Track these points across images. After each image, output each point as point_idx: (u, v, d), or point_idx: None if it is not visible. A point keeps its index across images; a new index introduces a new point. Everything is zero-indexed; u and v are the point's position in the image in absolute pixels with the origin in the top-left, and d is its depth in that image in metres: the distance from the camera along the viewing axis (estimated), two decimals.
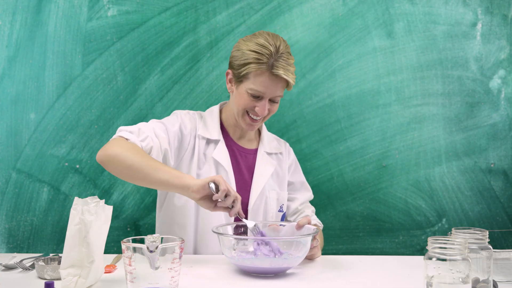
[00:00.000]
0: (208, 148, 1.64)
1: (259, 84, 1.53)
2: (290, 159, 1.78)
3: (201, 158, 1.63)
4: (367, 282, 1.29)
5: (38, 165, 1.95)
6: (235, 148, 1.68)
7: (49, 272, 1.28)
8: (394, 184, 2.03)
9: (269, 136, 1.77)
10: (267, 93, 1.55)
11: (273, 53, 1.52)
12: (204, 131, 1.64)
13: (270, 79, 1.53)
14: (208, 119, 1.67)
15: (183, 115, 1.65)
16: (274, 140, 1.78)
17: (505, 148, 2.04)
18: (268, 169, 1.69)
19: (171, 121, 1.62)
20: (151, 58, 1.98)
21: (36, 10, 1.94)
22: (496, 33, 2.03)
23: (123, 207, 1.99)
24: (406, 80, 2.03)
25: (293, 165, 1.79)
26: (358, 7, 2.01)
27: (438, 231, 2.04)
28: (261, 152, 1.71)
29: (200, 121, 1.67)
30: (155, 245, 1.07)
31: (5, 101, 1.94)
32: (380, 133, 2.03)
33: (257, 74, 1.53)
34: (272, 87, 1.54)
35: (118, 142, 1.46)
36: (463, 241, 1.03)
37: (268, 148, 1.72)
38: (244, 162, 1.68)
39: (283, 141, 1.82)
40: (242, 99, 1.57)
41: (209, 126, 1.66)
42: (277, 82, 1.54)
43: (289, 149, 1.81)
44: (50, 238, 1.97)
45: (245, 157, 1.69)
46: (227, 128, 1.69)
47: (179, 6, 1.98)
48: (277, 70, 1.52)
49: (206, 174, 1.61)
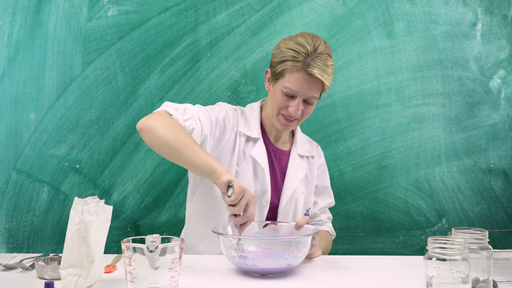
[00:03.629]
0: (247, 145, 1.62)
1: (293, 83, 1.52)
2: (319, 163, 1.77)
3: (240, 155, 1.61)
4: (367, 282, 1.29)
5: (38, 165, 1.95)
6: (271, 149, 1.66)
7: (49, 272, 1.28)
8: (394, 184, 2.03)
9: (302, 138, 1.75)
10: (301, 92, 1.53)
11: (310, 52, 1.50)
12: (245, 128, 1.63)
13: (305, 78, 1.51)
14: (249, 116, 1.65)
15: (228, 108, 1.64)
16: (307, 142, 1.76)
17: (505, 148, 2.04)
18: (299, 173, 1.67)
19: (216, 110, 1.60)
20: (151, 58, 1.98)
21: (36, 10, 1.94)
22: (496, 33, 2.03)
23: (123, 207, 1.99)
24: (406, 80, 2.03)
25: (320, 168, 1.77)
26: (358, 7, 2.01)
27: (438, 231, 2.04)
28: (294, 155, 1.68)
29: (241, 117, 1.65)
30: (155, 245, 1.07)
31: (5, 101, 1.94)
32: (380, 133, 2.03)
33: (292, 72, 1.51)
34: (306, 87, 1.52)
35: (161, 115, 1.44)
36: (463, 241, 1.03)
37: (301, 150, 1.70)
38: (278, 163, 1.66)
39: (316, 143, 1.80)
40: (277, 97, 1.56)
41: (250, 124, 1.64)
42: (311, 82, 1.52)
43: (320, 152, 1.79)
44: (50, 238, 1.97)
45: (279, 158, 1.67)
46: (266, 127, 1.67)
47: (179, 6, 1.98)
48: (311, 69, 1.50)
49: (244, 171, 1.59)
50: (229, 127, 1.61)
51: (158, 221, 2.00)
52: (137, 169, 1.98)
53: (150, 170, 1.98)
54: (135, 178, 1.98)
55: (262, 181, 1.61)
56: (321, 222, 1.76)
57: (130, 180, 1.98)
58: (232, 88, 2.00)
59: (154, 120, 1.42)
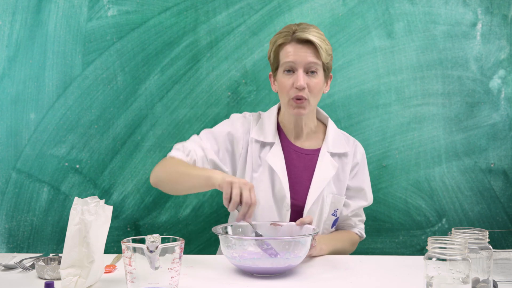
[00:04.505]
0: (263, 151, 1.62)
1: (286, 55, 1.54)
2: (354, 161, 1.68)
3: (256, 161, 1.61)
4: (367, 282, 1.29)
5: (38, 165, 1.95)
6: (293, 150, 1.63)
7: (49, 272, 1.28)
8: (394, 184, 2.03)
9: (336, 133, 1.68)
10: (298, 61, 1.53)
11: (295, 27, 1.56)
12: (258, 134, 1.62)
13: (296, 47, 1.54)
14: (266, 121, 1.65)
15: (236, 119, 1.65)
16: (341, 138, 1.69)
17: (505, 148, 2.04)
18: (329, 172, 1.61)
19: (222, 126, 1.64)
20: (151, 58, 1.98)
21: (36, 10, 1.94)
22: (496, 33, 2.03)
23: (123, 207, 1.99)
24: (406, 80, 2.03)
25: (356, 168, 1.68)
26: (358, 7, 2.01)
27: (438, 231, 2.04)
28: (323, 153, 1.63)
29: (255, 123, 1.65)
30: (155, 245, 1.07)
31: (5, 101, 1.94)
32: (380, 133, 2.03)
33: (283, 47, 1.55)
34: (301, 53, 1.53)
35: (162, 162, 1.58)
36: (463, 241, 1.03)
37: (332, 147, 1.64)
38: (303, 163, 1.62)
39: (353, 139, 1.72)
40: (281, 83, 1.57)
41: (265, 128, 1.63)
42: (304, 48, 1.54)
43: (356, 149, 1.70)
44: (50, 238, 1.97)
45: (304, 158, 1.63)
46: (284, 128, 1.66)
47: (179, 6, 1.98)
48: (300, 34, 1.53)
49: (261, 177, 1.59)
50: (239, 136, 1.61)
51: (158, 221, 2.00)
52: (137, 169, 1.98)
53: (150, 170, 1.98)
54: (135, 178, 1.98)
55: (279, 186, 1.59)
56: (350, 226, 1.72)
57: (130, 180, 1.98)
58: (232, 88, 2.00)
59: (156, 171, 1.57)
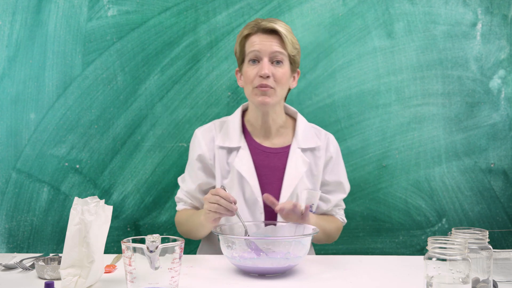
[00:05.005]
0: (230, 156, 1.62)
1: (251, 45, 1.57)
2: (327, 155, 1.66)
3: (225, 168, 1.61)
4: (367, 282, 1.29)
5: (38, 165, 1.95)
6: (261, 151, 1.63)
7: (49, 272, 1.28)
8: (394, 184, 2.03)
9: (306, 128, 1.67)
10: (263, 50, 1.55)
11: (258, 20, 1.60)
12: (223, 140, 1.63)
13: (261, 37, 1.56)
14: (230, 125, 1.65)
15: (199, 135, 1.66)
16: (312, 132, 1.68)
17: (505, 148, 2.04)
18: (300, 169, 1.60)
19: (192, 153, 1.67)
20: (151, 58, 1.98)
21: (36, 10, 1.94)
22: (496, 33, 2.03)
23: (123, 207, 1.99)
24: (406, 80, 2.03)
25: (331, 162, 1.67)
26: (358, 7, 2.01)
27: (438, 231, 2.04)
28: (294, 149, 1.62)
29: (219, 131, 1.65)
30: (155, 245, 1.07)
31: (5, 101, 1.94)
32: (380, 133, 2.03)
33: (248, 38, 1.58)
34: (266, 43, 1.56)
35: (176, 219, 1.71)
36: (463, 241, 1.03)
37: (303, 143, 1.63)
38: (274, 163, 1.62)
39: (324, 132, 1.71)
40: (246, 73, 1.59)
41: (230, 133, 1.63)
42: (269, 37, 1.56)
43: (328, 142, 1.68)
44: (50, 238, 1.97)
45: (274, 157, 1.63)
46: (251, 130, 1.65)
47: (179, 6, 1.98)
48: (263, 24, 1.57)
49: (231, 183, 1.59)
50: (205, 150, 1.63)
51: (158, 221, 2.00)
52: (137, 169, 1.98)
53: (150, 170, 1.98)
54: (135, 178, 1.98)
55: (250, 190, 1.59)
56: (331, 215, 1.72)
57: (130, 180, 1.98)
58: (232, 88, 2.00)
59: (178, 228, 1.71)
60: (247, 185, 1.59)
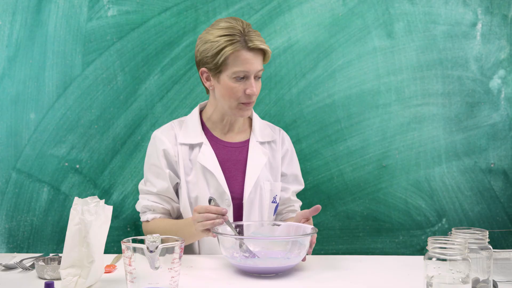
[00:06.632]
0: (192, 153, 1.63)
1: (241, 64, 1.53)
2: (284, 148, 1.73)
3: (188, 165, 1.62)
4: (367, 282, 1.29)
5: (38, 165, 1.95)
6: (222, 145, 1.66)
7: (49, 272, 1.28)
8: (394, 184, 2.03)
9: (261, 124, 1.73)
10: (251, 70, 1.54)
11: (241, 30, 1.54)
12: (185, 138, 1.64)
13: (249, 55, 1.53)
14: (189, 123, 1.66)
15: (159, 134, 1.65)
16: (267, 127, 1.73)
17: (505, 148, 2.04)
18: (260, 160, 1.66)
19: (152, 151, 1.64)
20: (151, 58, 1.98)
21: (36, 10, 1.94)
22: (496, 33, 2.03)
23: (123, 207, 1.99)
24: (406, 80, 2.03)
25: (287, 155, 1.74)
26: (358, 7, 2.01)
27: (438, 231, 2.04)
28: (253, 143, 1.68)
29: (180, 128, 1.66)
30: (155, 245, 1.07)
31: (5, 101, 1.94)
32: (380, 133, 2.03)
33: (235, 55, 1.53)
34: (254, 62, 1.54)
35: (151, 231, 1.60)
36: (463, 241, 1.04)
37: (260, 137, 1.69)
38: (235, 156, 1.65)
39: (278, 128, 1.77)
40: (229, 88, 1.56)
41: (190, 131, 1.65)
42: (256, 56, 1.55)
43: (283, 136, 1.75)
44: (50, 238, 1.97)
45: (236, 151, 1.66)
46: (211, 127, 1.67)
47: (179, 6, 1.98)
48: (252, 43, 1.53)
49: (195, 179, 1.61)
50: (169, 146, 1.62)
51: None
52: (137, 169, 1.98)
53: None
54: (135, 178, 1.98)
55: (216, 183, 1.61)
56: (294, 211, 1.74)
57: (130, 180, 1.98)
58: None
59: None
60: (213, 179, 1.61)
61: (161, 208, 1.63)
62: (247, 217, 1.61)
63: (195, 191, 1.60)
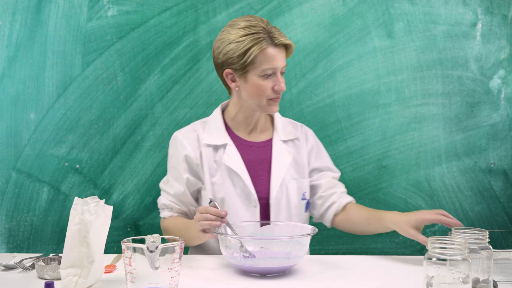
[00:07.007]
0: (217, 154, 1.63)
1: (269, 61, 1.54)
2: (308, 144, 1.72)
3: (212, 166, 1.62)
4: (367, 282, 1.29)
5: (38, 165, 1.95)
6: (246, 145, 1.65)
7: (49, 272, 1.28)
8: (394, 184, 2.03)
9: (283, 122, 1.73)
10: (279, 66, 1.56)
11: (264, 28, 1.55)
12: (209, 139, 1.63)
13: (275, 52, 1.55)
14: (212, 125, 1.66)
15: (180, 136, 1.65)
16: (289, 125, 1.73)
17: (505, 148, 2.04)
18: (285, 159, 1.65)
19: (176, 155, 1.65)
20: (151, 58, 1.98)
21: (36, 10, 1.94)
22: (496, 33, 2.03)
23: (123, 207, 1.99)
24: (406, 80, 2.03)
25: (313, 150, 1.72)
26: (358, 7, 2.01)
27: (438, 231, 2.04)
28: (276, 142, 1.67)
29: (203, 130, 1.66)
30: (155, 245, 1.07)
31: (5, 101, 1.94)
32: (380, 133, 2.03)
33: (263, 53, 1.54)
34: (280, 58, 1.56)
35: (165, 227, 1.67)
36: (463, 241, 1.04)
37: (283, 135, 1.68)
38: (260, 156, 1.65)
39: (300, 124, 1.77)
40: (258, 86, 1.56)
41: (213, 132, 1.64)
42: (281, 52, 1.57)
43: (306, 132, 1.74)
44: (50, 238, 1.97)
45: (259, 150, 1.66)
46: (234, 127, 1.67)
47: (179, 6, 1.98)
48: (278, 39, 1.55)
49: (220, 181, 1.60)
50: (190, 151, 1.62)
51: (158, 221, 1.99)
52: (137, 169, 1.98)
53: (150, 170, 1.98)
54: (135, 178, 1.98)
55: (242, 184, 1.60)
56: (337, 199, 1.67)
57: (130, 180, 1.98)
58: None
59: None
60: (239, 180, 1.60)
61: (177, 208, 1.66)
62: (275, 217, 1.61)
63: (221, 192, 1.60)
